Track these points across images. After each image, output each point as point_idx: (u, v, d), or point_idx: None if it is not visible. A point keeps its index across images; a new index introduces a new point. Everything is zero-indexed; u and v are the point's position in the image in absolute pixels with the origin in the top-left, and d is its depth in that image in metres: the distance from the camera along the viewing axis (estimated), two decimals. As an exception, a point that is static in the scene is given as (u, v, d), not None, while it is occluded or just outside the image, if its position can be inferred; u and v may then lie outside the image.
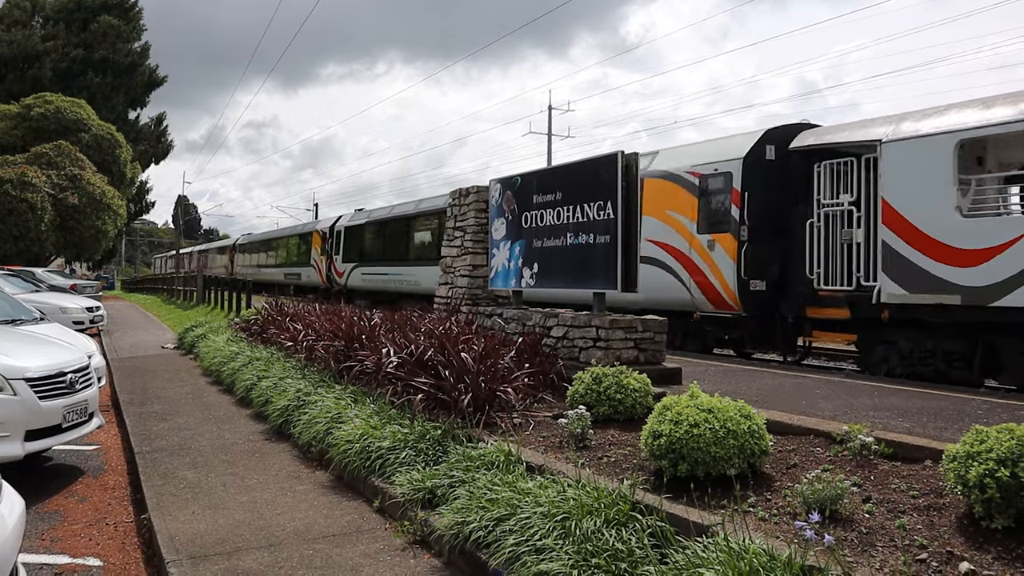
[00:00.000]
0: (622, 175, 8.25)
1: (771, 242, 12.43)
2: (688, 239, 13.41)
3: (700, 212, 13.27)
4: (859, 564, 3.49)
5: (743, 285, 12.40)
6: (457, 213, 12.15)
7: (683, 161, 13.92)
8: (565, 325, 8.88)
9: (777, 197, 12.41)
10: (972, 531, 3.75)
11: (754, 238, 12.43)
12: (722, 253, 12.72)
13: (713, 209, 13.06)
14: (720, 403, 4.86)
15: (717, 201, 12.99)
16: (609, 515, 4.19)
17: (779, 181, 12.46)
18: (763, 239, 12.43)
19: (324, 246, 33.54)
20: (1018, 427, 3.81)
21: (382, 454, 6.23)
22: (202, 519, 5.58)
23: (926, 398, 7.62)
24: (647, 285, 12.84)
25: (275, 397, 8.92)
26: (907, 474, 4.66)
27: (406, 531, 5.24)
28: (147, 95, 55.16)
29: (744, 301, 12.47)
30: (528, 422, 6.68)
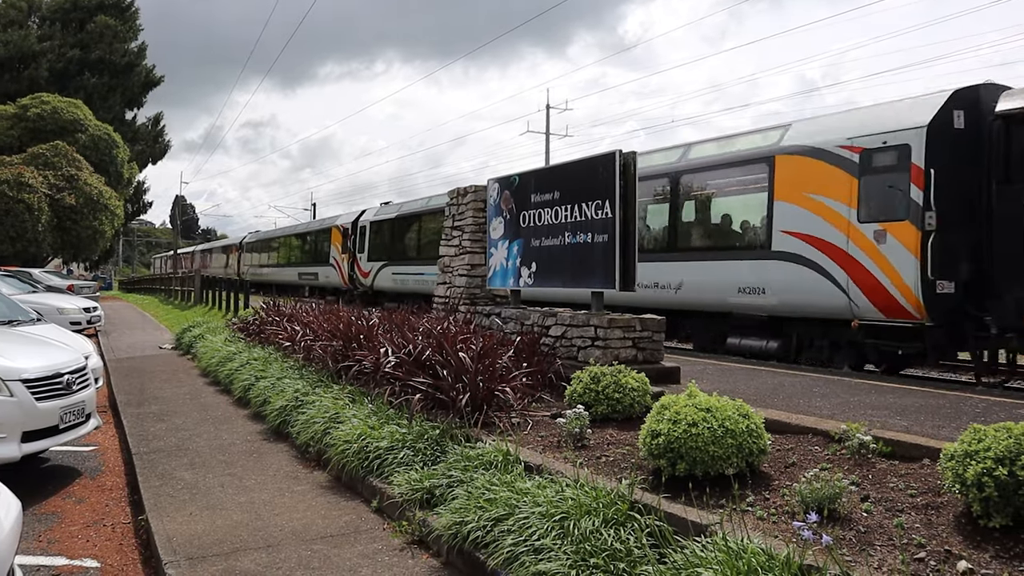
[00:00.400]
0: (620, 174, 8.23)
1: (965, 232, 10.08)
2: (844, 229, 10.85)
3: (862, 195, 10.72)
4: (857, 563, 3.49)
5: (928, 286, 9.94)
6: (455, 212, 12.14)
7: (831, 134, 11.37)
8: (563, 324, 8.88)
9: (971, 175, 10.12)
10: (970, 530, 3.74)
11: (944, 227, 9.94)
12: (897, 246, 10.23)
13: (882, 191, 10.52)
14: (718, 402, 4.86)
15: (888, 181, 10.46)
16: (607, 515, 4.18)
17: (971, 155, 10.16)
18: (955, 228, 10.01)
19: (346, 243, 31.03)
20: (1016, 426, 3.80)
21: (380, 454, 6.23)
22: (200, 520, 5.57)
23: (924, 396, 7.63)
24: (779, 286, 11.62)
25: (273, 397, 8.91)
26: (905, 473, 4.66)
27: (404, 531, 5.23)
28: (144, 95, 55.15)
29: (930, 307, 9.97)
30: (526, 421, 6.68)
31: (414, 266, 24.75)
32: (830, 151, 11.22)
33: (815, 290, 11.17)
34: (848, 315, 10.91)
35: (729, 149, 13.17)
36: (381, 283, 27.43)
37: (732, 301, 12.49)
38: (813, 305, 11.40)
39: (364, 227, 29.52)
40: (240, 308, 21.67)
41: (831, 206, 11.09)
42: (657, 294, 13.81)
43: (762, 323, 12.46)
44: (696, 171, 13.90)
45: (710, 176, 13.72)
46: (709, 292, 13.09)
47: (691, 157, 14.11)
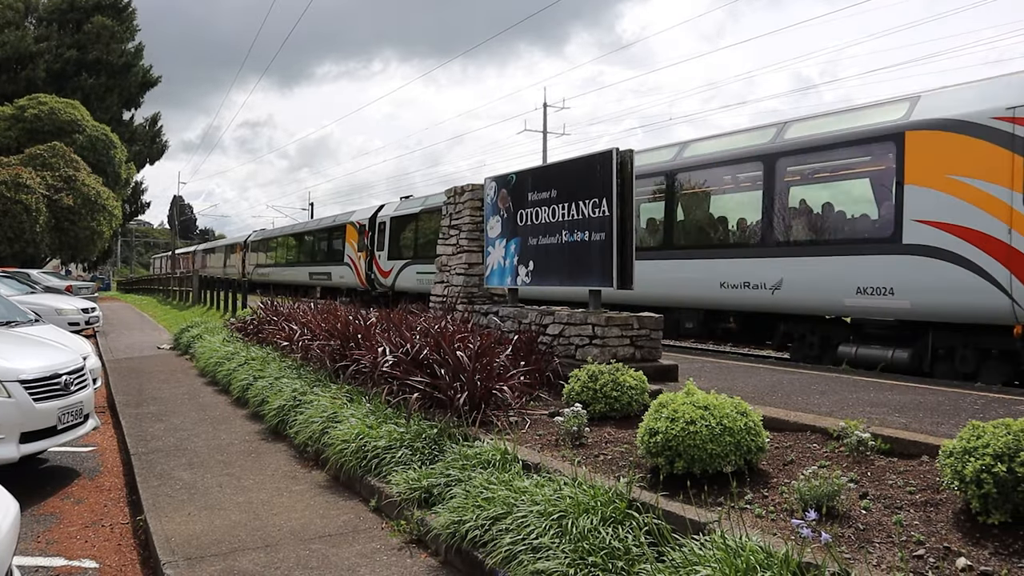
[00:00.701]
0: (617, 172, 8.23)
1: None
2: (1005, 217, 9.10)
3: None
4: (856, 560, 3.48)
5: None
6: (452, 211, 12.13)
7: (982, 104, 9.53)
8: (561, 323, 8.87)
9: None
10: (969, 526, 3.74)
11: None
12: None
13: None
14: (716, 400, 4.85)
15: None
16: (606, 513, 4.17)
17: None
18: None
19: (362, 240, 28.74)
20: (1014, 422, 3.80)
21: (378, 453, 6.22)
22: (198, 520, 5.56)
23: (922, 393, 7.62)
24: (914, 284, 9.89)
25: (271, 397, 8.90)
26: (904, 470, 4.65)
27: (403, 530, 5.23)
28: (141, 95, 55.10)
29: None
30: (524, 420, 6.67)
31: None
32: (982, 124, 9.39)
33: (964, 289, 9.46)
34: (1009, 319, 9.28)
35: (839, 127, 11.25)
36: (404, 283, 25.41)
37: (848, 304, 10.76)
38: (961, 307, 9.67)
39: (384, 223, 27.40)
40: (238, 308, 21.65)
41: (985, 190, 9.30)
42: (744, 295, 12.05)
43: (888, 329, 11.01)
44: (798, 153, 11.76)
45: (816, 158, 11.68)
46: (817, 293, 11.16)
47: (789, 137, 11.96)
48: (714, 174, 13.40)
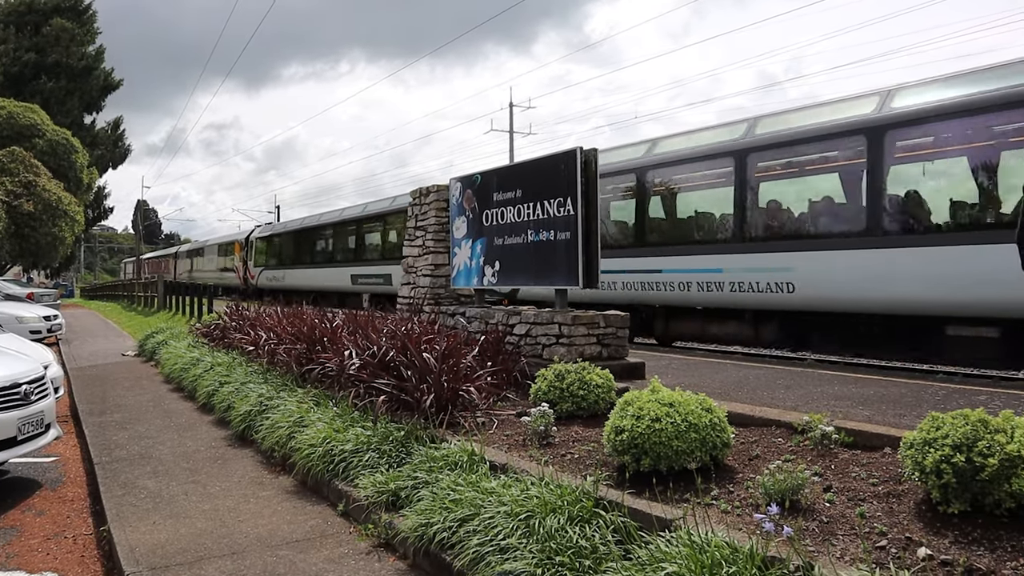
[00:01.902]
0: (582, 171, 8.25)
1: None
2: None
3: None
4: (820, 553, 3.51)
5: None
6: (418, 213, 12.08)
7: None
8: (528, 323, 8.87)
9: None
10: (930, 516, 3.78)
11: None
12: None
13: None
14: (681, 397, 4.87)
15: None
16: (573, 512, 4.18)
17: None
18: None
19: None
20: (972, 413, 3.85)
21: (345, 457, 6.18)
22: (163, 529, 5.48)
23: (885, 385, 7.71)
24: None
25: (237, 402, 8.82)
26: (867, 462, 4.70)
27: (371, 534, 5.19)
28: (103, 99, 54.26)
29: None
30: (492, 421, 6.66)
31: None
32: None
33: None
34: None
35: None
36: None
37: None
38: None
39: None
40: (204, 313, 21.43)
41: None
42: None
43: None
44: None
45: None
46: None
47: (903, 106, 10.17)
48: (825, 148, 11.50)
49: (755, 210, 11.92)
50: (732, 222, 12.22)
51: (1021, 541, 3.41)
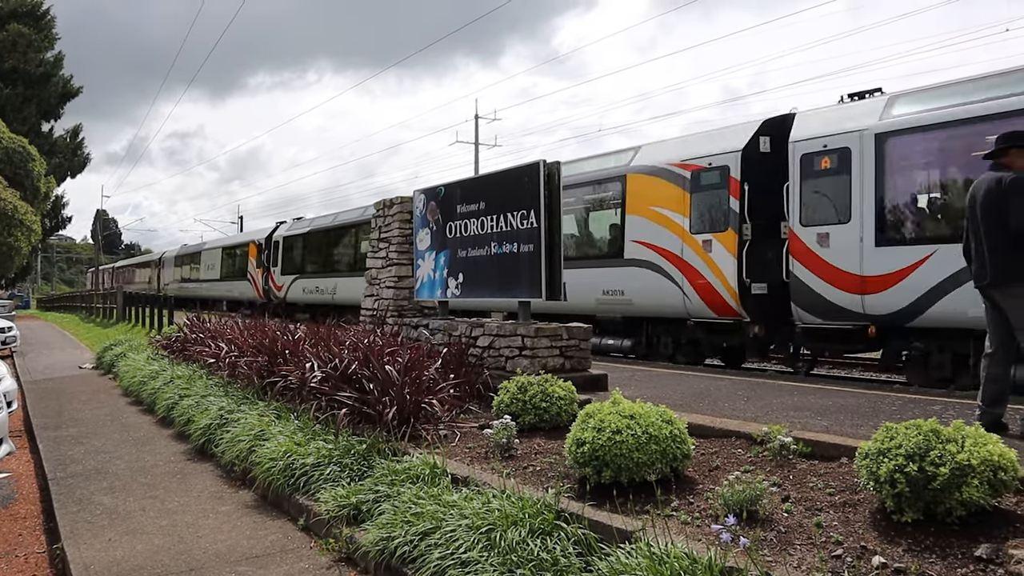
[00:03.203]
0: (544, 184, 8.29)
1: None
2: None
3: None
4: (778, 563, 3.55)
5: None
6: (381, 224, 12.06)
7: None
8: (491, 335, 8.88)
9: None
10: (884, 525, 3.85)
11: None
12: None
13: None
14: (642, 409, 4.91)
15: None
16: (534, 525, 4.18)
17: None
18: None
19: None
20: (925, 422, 3.92)
21: (306, 471, 6.13)
22: (119, 546, 5.40)
23: (844, 396, 7.82)
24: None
25: (197, 416, 8.71)
26: (824, 472, 4.77)
27: (331, 549, 5.15)
28: (61, 106, 53.42)
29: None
30: (454, 433, 6.65)
31: None
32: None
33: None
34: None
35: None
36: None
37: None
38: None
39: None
40: (164, 325, 21.16)
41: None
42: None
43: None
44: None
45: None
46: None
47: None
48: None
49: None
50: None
51: (971, 548, 3.48)
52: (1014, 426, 5.69)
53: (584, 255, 14.47)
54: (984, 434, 3.88)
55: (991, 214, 5.61)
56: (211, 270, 38.06)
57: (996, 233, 5.60)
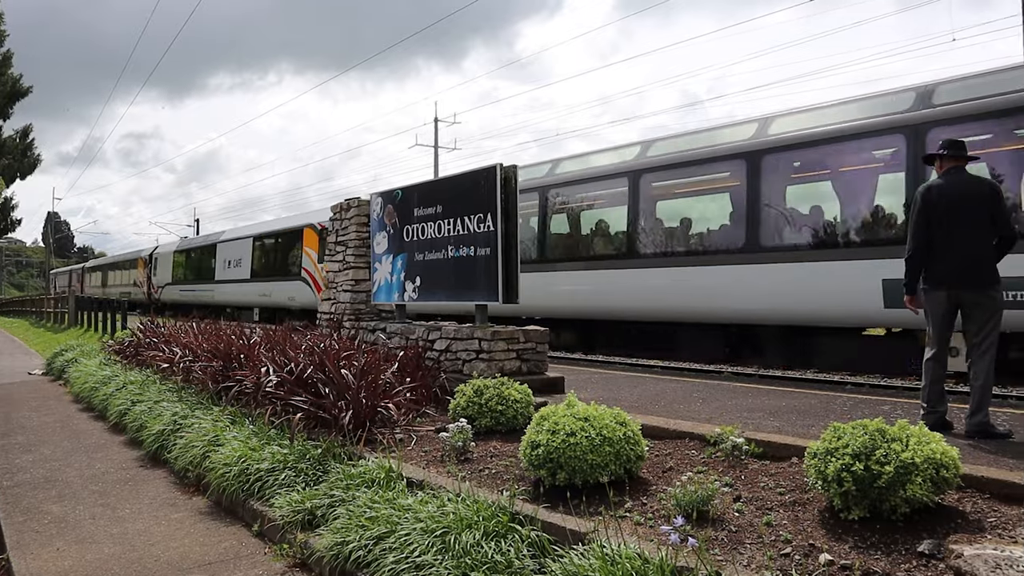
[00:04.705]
0: (501, 187, 8.31)
1: None
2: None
3: None
4: (728, 562, 3.60)
5: None
6: (339, 227, 12.00)
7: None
8: (448, 338, 8.87)
9: None
10: (832, 523, 3.92)
11: None
12: None
13: None
14: (596, 411, 4.95)
15: None
16: (489, 527, 4.19)
17: None
18: None
19: None
20: (871, 422, 4.01)
21: (261, 476, 6.07)
22: (68, 556, 5.30)
23: (798, 397, 7.95)
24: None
25: (150, 422, 8.58)
26: (775, 472, 4.84)
27: (286, 554, 5.11)
28: (10, 106, 52.11)
29: None
30: (410, 437, 6.63)
31: None
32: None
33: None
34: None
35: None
36: None
37: None
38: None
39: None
40: (118, 329, 20.82)
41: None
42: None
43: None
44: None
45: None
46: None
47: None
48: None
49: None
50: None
51: (914, 544, 3.56)
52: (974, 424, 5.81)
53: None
54: (928, 433, 3.98)
55: (980, 216, 5.72)
56: (235, 268, 29.31)
57: (978, 235, 5.72)
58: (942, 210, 5.84)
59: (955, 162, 5.96)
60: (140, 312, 29.78)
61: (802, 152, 11.17)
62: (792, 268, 10.96)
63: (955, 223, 5.78)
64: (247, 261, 28.21)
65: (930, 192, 5.95)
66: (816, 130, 11.00)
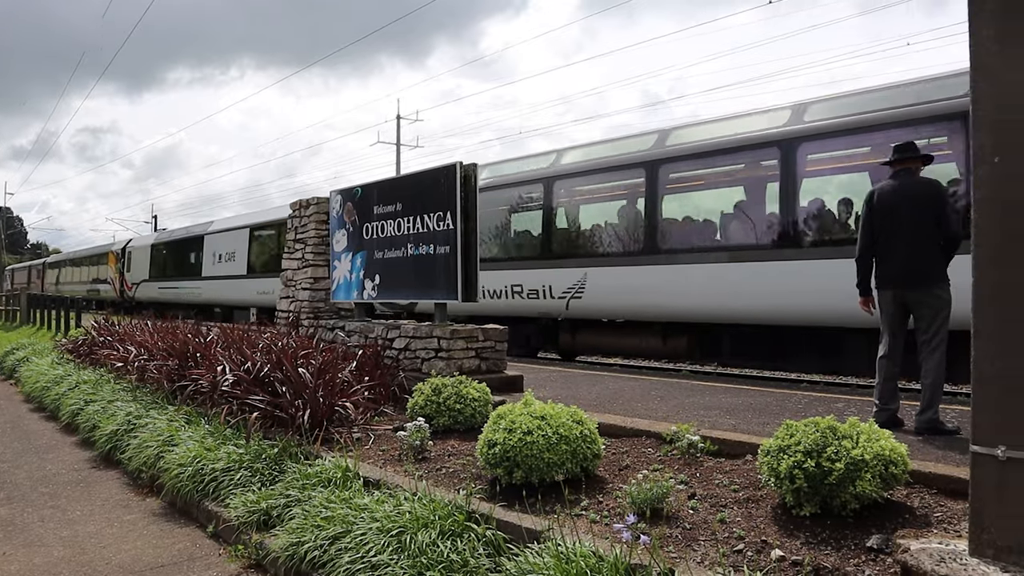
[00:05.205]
0: (461, 185, 8.30)
1: None
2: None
3: None
4: (682, 559, 3.63)
5: None
6: (298, 225, 11.90)
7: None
8: (407, 336, 8.84)
9: None
10: (784, 520, 3.97)
11: None
12: None
13: None
14: (553, 409, 4.96)
15: None
16: (445, 526, 4.18)
17: None
18: None
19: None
20: (822, 420, 4.07)
21: (216, 476, 6.00)
22: (15, 560, 5.19)
23: (754, 395, 8.04)
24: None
25: (103, 422, 8.43)
26: (730, 469, 4.90)
27: (241, 555, 5.06)
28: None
29: None
30: (368, 436, 6.60)
31: None
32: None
33: None
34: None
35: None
36: None
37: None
38: None
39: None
40: (72, 328, 20.43)
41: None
42: None
43: None
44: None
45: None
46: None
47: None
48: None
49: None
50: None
51: (863, 539, 3.62)
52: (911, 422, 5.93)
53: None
54: (877, 430, 4.05)
55: (927, 217, 5.82)
56: (227, 262, 25.61)
57: (930, 236, 5.82)
58: (886, 212, 5.99)
59: (902, 164, 6.08)
60: (111, 312, 28.35)
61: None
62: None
63: (899, 224, 5.91)
64: (243, 255, 24.36)
65: (875, 195, 6.10)
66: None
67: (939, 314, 5.78)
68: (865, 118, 9.59)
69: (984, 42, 3.13)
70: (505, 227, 14.94)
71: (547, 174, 14.04)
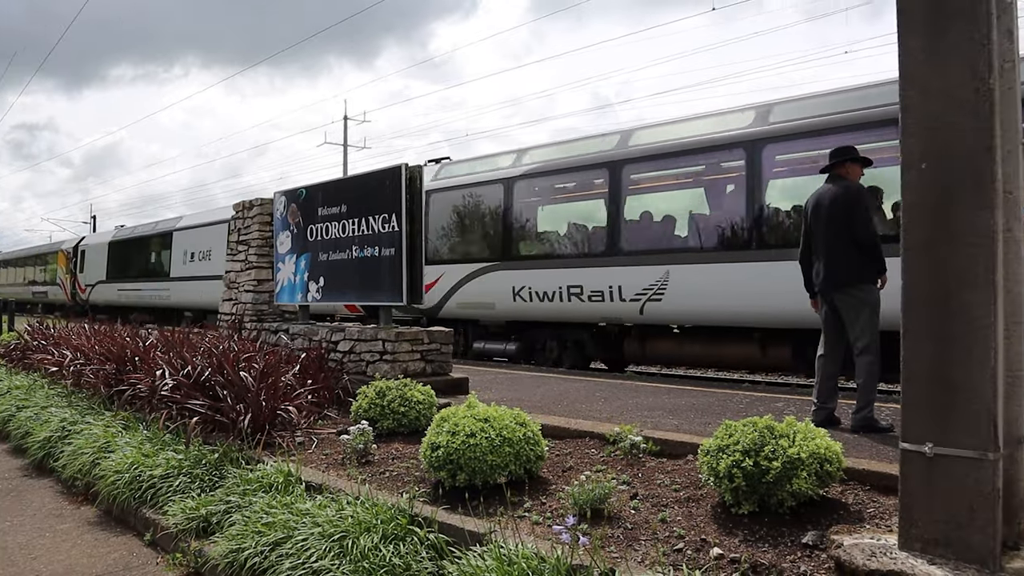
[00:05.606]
0: (406, 187, 8.27)
1: None
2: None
3: None
4: (623, 558, 3.66)
5: None
6: (241, 227, 11.73)
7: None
8: (352, 339, 8.77)
9: None
10: (724, 518, 4.03)
11: None
12: None
13: None
14: (496, 412, 4.96)
15: None
16: (387, 530, 4.16)
17: None
18: None
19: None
20: (760, 420, 4.14)
21: (154, 483, 5.88)
22: (-59, 572, 5.03)
23: (697, 396, 8.14)
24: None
25: (36, 428, 8.20)
26: (671, 469, 4.95)
27: (179, 564, 4.96)
28: None
29: None
30: (311, 440, 6.53)
31: None
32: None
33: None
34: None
35: None
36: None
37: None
38: None
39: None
40: (3, 331, 19.86)
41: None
42: None
43: None
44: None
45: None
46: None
47: None
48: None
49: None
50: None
51: (799, 536, 3.69)
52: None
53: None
54: (813, 429, 4.13)
55: (836, 221, 5.96)
56: (202, 261, 22.93)
57: (839, 239, 5.96)
58: (810, 217, 6.19)
59: (832, 170, 6.22)
60: (59, 316, 25.71)
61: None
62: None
63: (819, 229, 6.09)
64: (220, 252, 19.97)
65: (808, 200, 6.26)
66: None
67: (860, 315, 5.91)
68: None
69: (912, 52, 3.23)
70: (558, 219, 13.17)
71: (615, 156, 12.06)
